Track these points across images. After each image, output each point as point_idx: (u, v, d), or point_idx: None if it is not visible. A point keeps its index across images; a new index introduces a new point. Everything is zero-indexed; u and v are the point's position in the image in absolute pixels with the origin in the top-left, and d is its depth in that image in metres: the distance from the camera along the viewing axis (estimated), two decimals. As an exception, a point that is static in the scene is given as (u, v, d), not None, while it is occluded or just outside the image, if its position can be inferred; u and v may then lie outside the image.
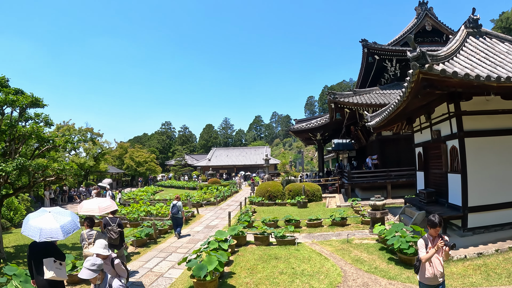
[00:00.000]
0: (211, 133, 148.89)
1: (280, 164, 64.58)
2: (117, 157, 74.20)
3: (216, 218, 22.92)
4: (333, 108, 25.88)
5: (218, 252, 10.35)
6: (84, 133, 52.49)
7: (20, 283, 8.91)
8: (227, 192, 38.23)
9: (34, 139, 15.83)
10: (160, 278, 11.10)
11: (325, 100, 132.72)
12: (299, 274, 10.03)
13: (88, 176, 55.96)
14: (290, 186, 28.71)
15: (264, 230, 14.61)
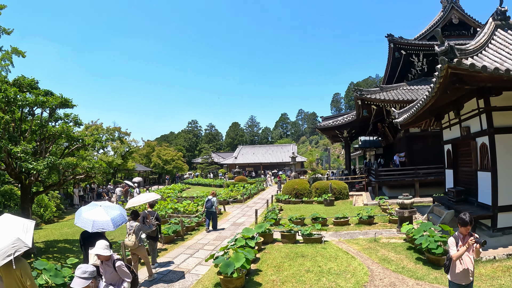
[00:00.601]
0: (237, 131, 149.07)
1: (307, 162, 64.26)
2: (144, 156, 75.13)
3: (242, 216, 23.02)
4: (359, 105, 25.57)
5: (245, 249, 10.37)
6: (112, 132, 53.31)
7: (50, 277, 9.11)
8: (254, 190, 38.27)
9: (64, 138, 16.11)
10: (187, 274, 11.21)
11: (351, 97, 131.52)
12: (326, 272, 9.99)
13: (116, 174, 56.71)
14: (317, 184, 28.55)
15: (291, 227, 14.55)
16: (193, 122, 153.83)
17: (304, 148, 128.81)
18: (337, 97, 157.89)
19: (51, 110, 15.46)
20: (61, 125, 15.60)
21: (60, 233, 20.66)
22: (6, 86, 14.09)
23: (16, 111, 14.73)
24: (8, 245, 5.75)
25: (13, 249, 5.77)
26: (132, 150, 57.32)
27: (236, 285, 9.20)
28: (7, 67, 28.16)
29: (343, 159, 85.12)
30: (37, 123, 15.23)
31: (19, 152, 12.46)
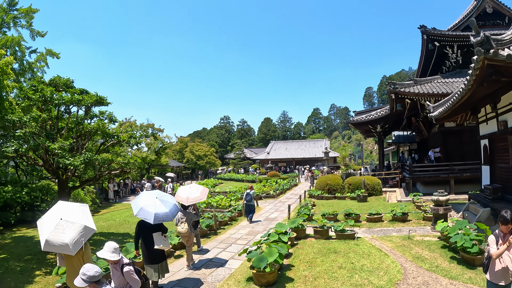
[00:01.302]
0: (270, 126, 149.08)
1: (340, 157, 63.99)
2: (177, 151, 75.99)
3: (275, 211, 23.11)
4: (393, 98, 25.18)
5: (278, 244, 10.39)
6: (145, 129, 53.98)
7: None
8: (286, 185, 38.27)
9: (100, 135, 16.55)
10: (219, 268, 11.33)
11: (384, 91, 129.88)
12: (358, 269, 9.95)
13: (150, 169, 57.53)
14: (350, 180, 28.40)
15: (324, 223, 14.53)
16: (225, 118, 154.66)
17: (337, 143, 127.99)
18: (370, 91, 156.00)
19: (87, 108, 15.90)
20: (96, 122, 16.00)
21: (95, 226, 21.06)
22: (43, 86, 14.57)
23: (52, 110, 15.22)
24: (77, 235, 6.86)
25: (82, 237, 6.97)
26: (165, 146, 57.95)
27: (269, 280, 9.25)
28: (43, 68, 29.09)
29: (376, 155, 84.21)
30: (73, 121, 15.67)
31: (57, 148, 12.86)
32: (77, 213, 7.39)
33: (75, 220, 7.13)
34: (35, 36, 28.39)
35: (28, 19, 27.30)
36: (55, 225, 6.86)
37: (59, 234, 6.72)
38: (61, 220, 6.98)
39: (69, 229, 6.87)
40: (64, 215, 7.12)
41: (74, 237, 6.80)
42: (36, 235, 18.90)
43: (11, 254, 15.25)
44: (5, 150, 13.15)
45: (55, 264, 13.07)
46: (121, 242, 16.17)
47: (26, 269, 13.01)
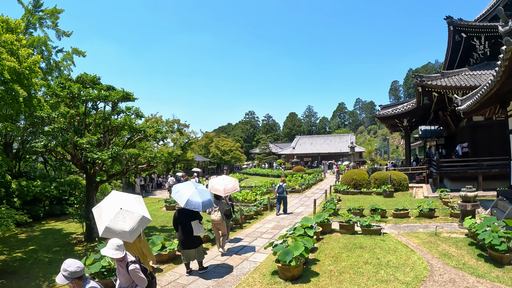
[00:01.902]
0: (295, 121, 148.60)
1: (366, 152, 63.54)
2: (203, 146, 76.46)
3: (301, 205, 23.15)
4: (420, 92, 24.69)
5: (304, 238, 10.38)
6: (171, 124, 54.57)
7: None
8: (312, 180, 38.25)
9: (127, 130, 16.83)
10: (245, 261, 11.42)
11: (410, 85, 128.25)
12: (384, 265, 9.88)
13: (176, 164, 58.03)
14: (376, 175, 28.13)
15: (350, 218, 14.45)
16: (250, 113, 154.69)
17: (362, 138, 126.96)
18: (396, 85, 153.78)
19: (114, 104, 16.16)
20: (123, 117, 16.26)
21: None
22: (70, 83, 14.87)
23: (80, 106, 15.54)
24: (136, 224, 7.56)
25: (140, 226, 7.64)
26: (191, 141, 58.39)
27: (294, 274, 9.25)
28: (69, 67, 29.77)
29: (402, 150, 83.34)
30: (100, 117, 15.97)
31: (85, 143, 13.13)
32: (135, 204, 8.08)
33: (134, 210, 7.83)
34: (61, 36, 29.01)
35: (53, 20, 27.91)
36: (115, 213, 7.54)
37: (120, 222, 7.43)
38: (121, 209, 7.66)
39: (129, 218, 7.57)
40: (124, 205, 7.82)
41: (133, 226, 7.52)
42: (64, 228, 19.36)
43: (39, 246, 15.67)
44: (35, 145, 13.51)
45: (82, 255, 13.43)
46: (147, 235, 16.43)
47: (54, 260, 13.35)
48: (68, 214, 17.89)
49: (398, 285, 8.42)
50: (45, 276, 11.67)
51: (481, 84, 17.03)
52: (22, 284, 11.11)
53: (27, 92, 14.51)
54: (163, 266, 11.48)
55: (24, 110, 15.35)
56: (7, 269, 12.78)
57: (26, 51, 14.66)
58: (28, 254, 14.59)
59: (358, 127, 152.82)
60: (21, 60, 13.92)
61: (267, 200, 22.15)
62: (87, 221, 16.06)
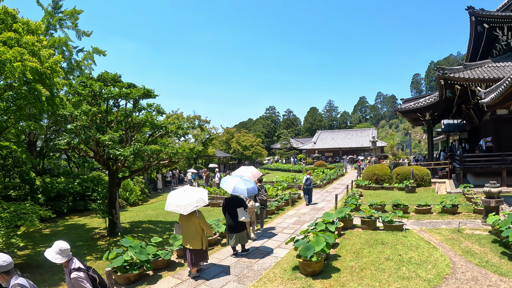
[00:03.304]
0: (316, 116, 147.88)
1: (387, 147, 63.12)
2: (224, 142, 76.85)
3: (322, 201, 23.13)
4: (442, 85, 24.24)
5: (325, 233, 10.37)
6: (192, 121, 54.84)
7: (135, 254, 9.83)
8: (333, 175, 38.19)
9: (148, 126, 17.05)
10: (266, 257, 11.48)
11: (432, 77, 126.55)
12: (406, 261, 9.79)
13: (197, 160, 58.36)
14: (398, 170, 27.85)
15: (371, 214, 14.38)
16: (271, 108, 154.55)
17: (384, 133, 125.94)
18: (417, 78, 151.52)
19: (135, 101, 16.37)
20: (145, 114, 16.44)
21: (144, 214, 21.83)
22: (92, 81, 15.11)
23: (101, 104, 15.78)
24: (193, 201, 9.68)
25: (196, 203, 9.70)
26: (212, 137, 58.64)
27: (315, 269, 9.24)
28: (90, 66, 30.46)
29: (424, 144, 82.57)
30: (122, 114, 16.19)
31: (107, 140, 13.30)
32: (197, 190, 10.44)
33: (195, 192, 10.17)
34: (81, 36, 29.58)
35: (73, 20, 28.49)
36: (182, 194, 10.00)
37: (180, 199, 9.79)
38: (184, 191, 10.12)
39: (188, 196, 9.85)
40: (187, 189, 10.30)
41: (189, 202, 9.62)
42: (87, 223, 19.72)
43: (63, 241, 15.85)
44: (58, 143, 13.75)
45: (105, 250, 13.65)
46: (169, 230, 16.71)
47: (77, 255, 13.47)
48: (91, 210, 18.16)
49: (420, 282, 8.35)
50: (69, 270, 11.86)
51: (505, 76, 16.74)
52: (46, 278, 11.33)
53: (49, 92, 14.79)
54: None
55: (47, 109, 15.64)
56: (31, 263, 13.06)
57: (47, 51, 14.91)
58: (52, 249, 14.81)
59: (379, 121, 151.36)
60: (42, 61, 14.17)
61: (288, 195, 22.19)
62: (110, 216, 16.26)
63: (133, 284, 9.64)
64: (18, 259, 13.61)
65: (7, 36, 12.87)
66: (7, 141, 22.89)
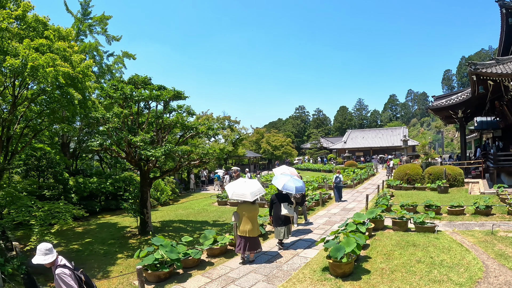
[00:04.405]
0: (345, 115, 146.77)
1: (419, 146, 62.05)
2: (254, 142, 77.15)
3: (353, 201, 22.99)
4: (474, 80, 23.46)
5: (356, 234, 10.32)
6: (222, 121, 55.25)
7: (165, 253, 9.99)
8: (364, 175, 37.85)
9: (179, 127, 17.38)
10: (295, 257, 11.49)
11: (463, 73, 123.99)
12: (438, 264, 9.63)
13: (228, 160, 58.69)
14: (430, 169, 27.38)
15: (403, 214, 14.20)
16: (301, 108, 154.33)
17: (415, 131, 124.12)
18: (448, 74, 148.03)
19: (165, 103, 16.67)
20: (176, 115, 16.70)
21: (175, 214, 22.10)
22: (123, 84, 15.46)
23: (133, 106, 16.15)
24: (255, 190, 11.24)
25: (258, 191, 11.35)
26: (242, 137, 58.94)
27: (345, 271, 9.19)
28: (120, 69, 31.35)
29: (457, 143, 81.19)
30: (152, 115, 16.44)
31: (138, 141, 13.57)
32: (255, 181, 11.98)
33: (254, 183, 11.69)
34: (111, 41, 30.46)
35: (102, 26, 29.39)
36: (244, 184, 11.45)
37: (243, 188, 11.26)
38: (245, 182, 11.63)
39: (250, 186, 11.32)
40: (247, 181, 11.80)
41: (253, 190, 11.15)
42: (118, 222, 20.09)
43: (95, 239, 16.33)
44: (91, 144, 14.10)
45: (136, 248, 13.87)
46: (199, 230, 16.87)
47: (109, 252, 13.85)
48: (123, 209, 18.47)
49: (451, 286, 8.21)
50: (100, 267, 12.11)
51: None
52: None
53: (81, 95, 15.36)
54: (214, 259, 11.73)
55: (80, 112, 16.17)
56: (63, 260, 13.34)
57: (79, 56, 15.30)
58: (84, 246, 15.20)
59: (410, 119, 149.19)
60: (74, 65, 14.57)
61: (319, 195, 22.06)
62: (141, 216, 16.57)
63: (163, 282, 9.79)
64: None
65: (39, 42, 13.22)
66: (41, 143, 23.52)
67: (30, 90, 15.58)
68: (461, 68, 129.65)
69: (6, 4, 13.80)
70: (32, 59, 12.08)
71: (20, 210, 12.54)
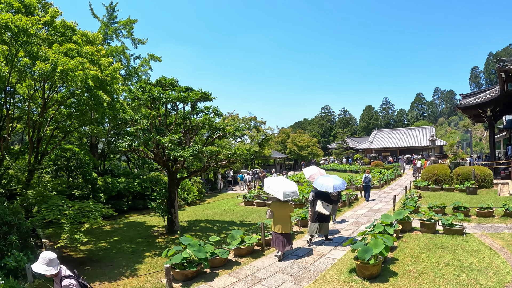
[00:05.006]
0: (371, 114, 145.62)
1: (447, 146, 61.26)
2: (280, 142, 77.19)
3: (379, 202, 22.83)
4: (503, 78, 22.73)
5: (383, 236, 10.24)
6: (247, 122, 55.29)
7: (193, 252, 10.11)
8: (391, 175, 37.53)
9: (206, 128, 17.64)
10: (322, 258, 11.51)
11: (491, 70, 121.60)
12: (466, 267, 9.48)
13: (254, 160, 58.83)
14: (458, 170, 26.89)
15: (431, 216, 14.09)
16: (326, 108, 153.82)
17: (443, 131, 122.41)
18: (476, 71, 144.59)
19: (192, 104, 16.86)
20: (203, 116, 16.88)
21: (201, 214, 22.32)
22: (150, 86, 15.73)
23: (160, 107, 16.36)
24: (290, 192, 11.60)
25: (292, 195, 11.67)
26: (268, 137, 58.99)
27: (372, 273, 9.15)
28: (147, 72, 31.97)
29: (485, 142, 79.71)
30: (180, 117, 16.69)
31: (167, 142, 13.80)
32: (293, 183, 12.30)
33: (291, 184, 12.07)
34: (137, 44, 31.11)
35: (128, 30, 30.09)
36: (282, 183, 11.93)
37: (279, 186, 11.73)
38: (283, 181, 12.06)
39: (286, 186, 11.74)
40: (286, 180, 12.35)
41: (287, 191, 11.55)
42: (146, 221, 20.48)
43: (123, 237, 16.67)
44: (120, 145, 14.36)
45: (163, 247, 14.11)
46: (226, 229, 16.96)
47: (136, 251, 14.10)
48: (150, 208, 18.80)
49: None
50: (128, 264, 12.37)
51: None
52: (106, 271, 11.82)
53: (110, 97, 15.72)
54: (241, 259, 11.82)
55: (109, 114, 16.51)
56: (92, 257, 13.73)
57: (107, 60, 15.73)
58: (112, 244, 15.54)
59: (437, 118, 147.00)
60: (102, 69, 15.00)
61: (346, 196, 21.98)
62: (169, 215, 16.83)
63: (191, 280, 9.93)
64: (80, 253, 14.44)
65: (67, 47, 13.60)
66: (70, 144, 24.04)
67: (59, 93, 16.04)
68: (489, 65, 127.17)
69: (35, 11, 14.17)
70: (62, 63, 12.40)
71: (51, 209, 12.83)
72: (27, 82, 15.66)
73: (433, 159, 37.48)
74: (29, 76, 13.64)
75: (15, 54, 12.72)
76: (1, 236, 10.88)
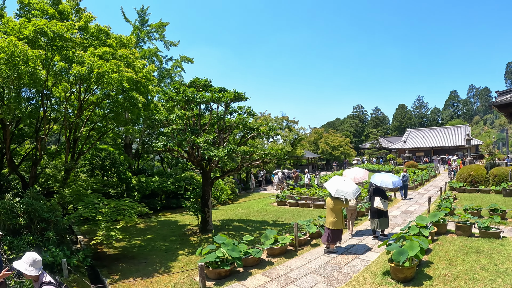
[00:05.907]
0: (405, 113, 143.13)
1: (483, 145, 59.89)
2: (312, 142, 76.86)
3: (414, 203, 22.52)
4: None
5: (419, 238, 10.09)
6: (280, 122, 55.23)
7: (227, 251, 10.24)
8: (425, 176, 37.00)
9: (240, 128, 17.70)
10: (356, 259, 11.45)
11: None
12: (502, 272, 9.24)
13: (286, 160, 58.86)
14: (494, 171, 26.28)
15: (467, 219, 13.81)
16: (358, 107, 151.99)
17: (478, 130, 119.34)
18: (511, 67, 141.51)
19: (226, 104, 17.00)
20: (237, 116, 17.00)
21: (234, 213, 22.43)
22: (184, 87, 15.99)
23: (194, 108, 16.57)
24: (346, 192, 11.92)
25: (357, 191, 12.28)
26: (300, 137, 58.77)
27: (406, 275, 9.05)
28: (179, 73, 32.45)
29: (523, 141, 77.77)
30: (214, 117, 16.87)
31: (201, 142, 13.97)
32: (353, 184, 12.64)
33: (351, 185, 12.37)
34: (169, 46, 31.81)
35: (160, 32, 30.80)
36: (342, 181, 12.44)
37: (345, 186, 12.11)
38: (344, 181, 12.54)
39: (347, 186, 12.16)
40: (347, 180, 12.81)
41: (354, 189, 12.14)
42: (179, 220, 20.79)
43: (157, 235, 16.98)
44: (155, 145, 14.60)
45: (196, 245, 14.28)
46: (259, 229, 17.02)
47: (170, 249, 14.34)
48: (183, 207, 19.05)
49: (516, 295, 7.94)
50: (161, 262, 12.60)
51: None
52: (140, 268, 12.09)
53: (145, 98, 16.07)
54: (274, 259, 11.87)
55: (143, 114, 16.82)
56: (127, 254, 14.06)
57: (141, 62, 16.15)
58: (146, 242, 15.83)
59: (472, 117, 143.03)
60: (136, 71, 15.37)
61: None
62: (202, 214, 17.02)
63: (223, 279, 10.05)
64: (115, 250, 14.83)
65: (102, 50, 14.00)
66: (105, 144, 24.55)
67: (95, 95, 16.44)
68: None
69: (69, 16, 14.58)
70: (97, 66, 12.73)
71: (87, 206, 13.19)
72: (62, 85, 16.16)
73: (469, 159, 36.76)
74: (65, 79, 14.02)
75: (51, 58, 13.14)
76: (38, 232, 11.25)
